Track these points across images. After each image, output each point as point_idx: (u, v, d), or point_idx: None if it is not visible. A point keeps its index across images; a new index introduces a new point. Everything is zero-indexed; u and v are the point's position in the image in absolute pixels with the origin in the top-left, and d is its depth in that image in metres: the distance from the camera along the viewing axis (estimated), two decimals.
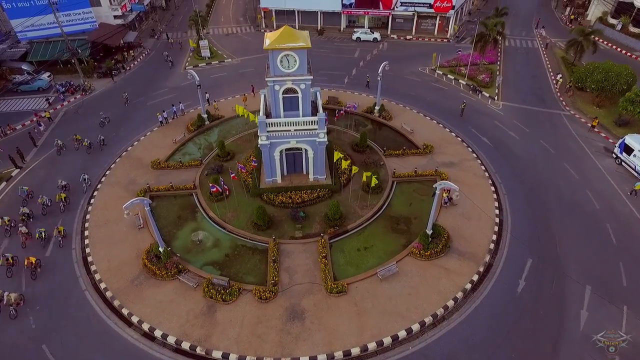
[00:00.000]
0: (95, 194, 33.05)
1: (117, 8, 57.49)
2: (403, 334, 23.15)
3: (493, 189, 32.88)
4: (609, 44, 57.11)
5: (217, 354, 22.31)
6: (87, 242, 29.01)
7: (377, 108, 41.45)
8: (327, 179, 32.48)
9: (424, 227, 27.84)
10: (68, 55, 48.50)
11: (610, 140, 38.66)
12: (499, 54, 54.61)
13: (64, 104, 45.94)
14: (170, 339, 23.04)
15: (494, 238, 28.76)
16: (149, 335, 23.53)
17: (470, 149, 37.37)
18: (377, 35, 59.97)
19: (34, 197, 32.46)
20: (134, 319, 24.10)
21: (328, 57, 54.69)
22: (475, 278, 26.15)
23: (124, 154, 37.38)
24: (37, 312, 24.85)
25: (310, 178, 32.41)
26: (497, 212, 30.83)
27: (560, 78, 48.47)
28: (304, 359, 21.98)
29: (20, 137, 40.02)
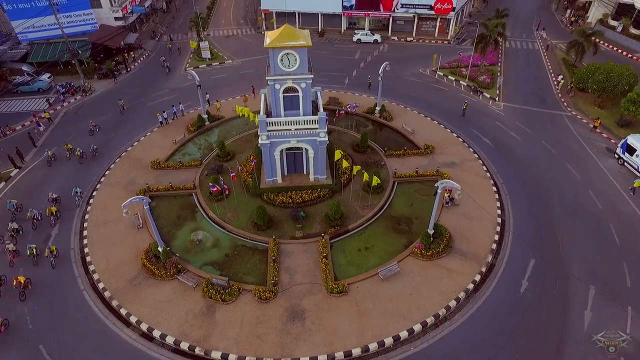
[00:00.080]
0: (94, 194, 32.85)
1: (117, 10, 57.50)
2: (405, 335, 22.88)
3: (495, 189, 32.67)
4: (610, 46, 57.03)
5: (216, 355, 22.04)
6: (85, 242, 28.80)
7: (377, 109, 41.31)
8: (327, 179, 32.27)
9: (426, 227, 27.59)
10: (68, 57, 48.44)
11: (612, 141, 38.46)
12: (500, 56, 54.53)
13: (64, 105, 45.85)
14: (169, 339, 22.77)
15: (496, 238, 28.53)
16: (148, 336, 23.27)
17: (472, 150, 37.17)
18: (377, 37, 59.95)
19: (24, 210, 30.90)
20: (133, 319, 23.84)
21: (329, 58, 54.63)
22: (478, 278, 25.89)
23: (124, 154, 37.19)
24: (34, 312, 24.62)
25: (311, 178, 32.20)
26: (499, 212, 30.62)
27: (562, 79, 48.34)
28: None
29: (20, 137, 39.88)
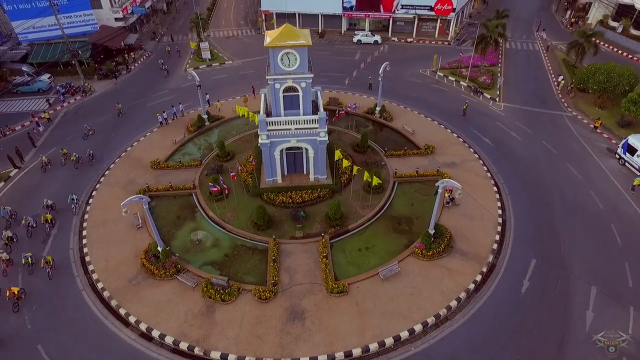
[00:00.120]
0: (94, 194, 32.74)
1: (118, 10, 57.47)
2: (405, 335, 22.73)
3: (495, 189, 32.56)
4: (610, 47, 56.99)
5: (215, 355, 21.88)
6: (84, 241, 28.68)
7: (378, 109, 41.25)
8: (327, 179, 32.16)
9: (426, 227, 27.45)
10: (68, 57, 48.42)
11: (613, 141, 38.36)
12: (500, 56, 54.49)
13: (64, 105, 45.79)
14: (168, 340, 22.61)
15: (497, 238, 28.40)
16: (147, 336, 23.13)
17: (472, 150, 37.07)
18: (377, 38, 59.93)
19: (18, 217, 30.14)
20: (132, 319, 23.70)
21: (329, 59, 54.60)
22: (479, 278, 25.74)
23: (123, 155, 37.09)
24: (32, 311, 24.47)
25: (311, 178, 32.09)
26: (499, 212, 30.50)
27: (562, 80, 48.28)
28: None
29: (20, 138, 39.81)
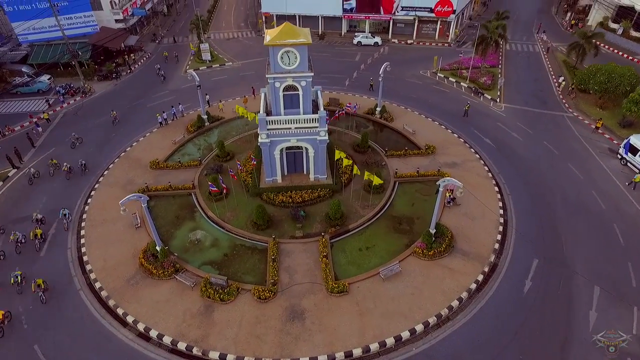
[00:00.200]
0: (93, 194, 32.54)
1: (118, 12, 57.53)
2: (406, 335, 22.43)
3: (497, 189, 32.34)
4: (610, 48, 56.98)
5: (214, 355, 21.59)
6: (83, 241, 28.44)
7: (378, 109, 41.12)
8: (328, 179, 31.96)
9: (427, 227, 27.19)
10: (69, 58, 48.37)
11: (615, 142, 38.18)
12: (500, 58, 54.45)
13: (63, 106, 45.68)
14: (166, 339, 22.32)
15: (499, 238, 28.15)
16: (144, 336, 22.83)
17: (473, 150, 36.88)
18: (378, 40, 59.91)
19: (6, 232, 28.75)
20: (129, 319, 23.42)
21: (329, 60, 54.57)
22: (480, 278, 25.46)
23: (123, 155, 36.92)
24: (29, 311, 24.19)
25: (311, 178, 31.89)
26: (501, 212, 30.26)
27: (563, 81, 48.18)
28: None
29: (19, 138, 39.66)
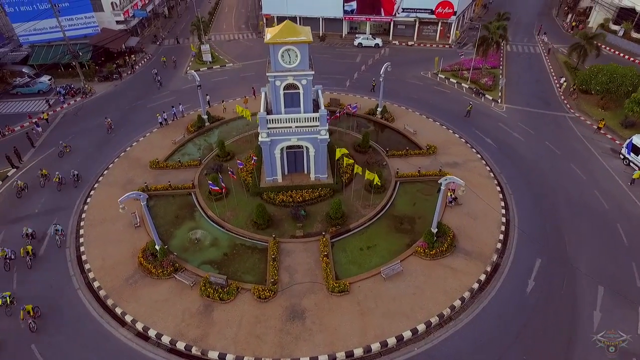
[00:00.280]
0: (92, 193, 32.35)
1: (119, 13, 57.51)
2: (408, 335, 22.15)
3: (499, 189, 32.12)
4: (611, 50, 56.87)
5: (213, 355, 21.31)
6: (81, 240, 28.21)
7: (379, 110, 40.98)
8: (328, 178, 31.76)
9: (429, 226, 26.96)
10: (69, 58, 48.36)
11: (617, 142, 37.98)
12: (501, 59, 54.36)
13: (64, 107, 45.59)
14: (165, 339, 22.06)
15: (501, 238, 27.90)
16: (143, 335, 22.57)
17: (475, 150, 36.70)
18: (378, 41, 59.87)
19: None
20: (128, 318, 23.17)
21: (330, 62, 54.51)
22: (483, 278, 25.20)
23: (122, 154, 36.76)
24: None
25: (312, 177, 31.69)
26: (503, 211, 30.03)
27: (564, 81, 48.04)
28: None
29: (19, 138, 39.53)
